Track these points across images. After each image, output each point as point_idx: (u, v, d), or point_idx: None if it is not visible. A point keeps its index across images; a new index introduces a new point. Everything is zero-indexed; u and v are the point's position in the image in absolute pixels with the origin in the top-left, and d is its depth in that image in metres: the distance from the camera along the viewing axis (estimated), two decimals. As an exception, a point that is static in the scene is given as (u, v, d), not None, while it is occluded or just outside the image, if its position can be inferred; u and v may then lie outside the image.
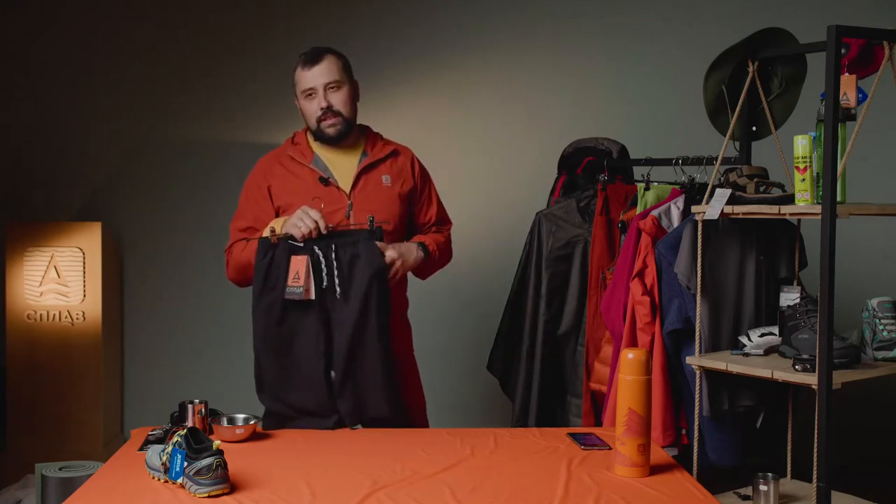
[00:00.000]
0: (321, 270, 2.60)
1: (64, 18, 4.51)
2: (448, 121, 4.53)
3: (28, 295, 4.15)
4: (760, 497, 2.72)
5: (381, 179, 2.83)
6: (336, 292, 2.60)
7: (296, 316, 2.61)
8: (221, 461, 1.99)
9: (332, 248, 2.61)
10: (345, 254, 2.62)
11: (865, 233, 4.23)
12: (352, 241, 2.64)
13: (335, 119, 2.77)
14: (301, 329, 2.61)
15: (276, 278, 2.59)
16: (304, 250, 2.59)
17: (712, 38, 3.32)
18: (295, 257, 2.59)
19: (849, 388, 2.50)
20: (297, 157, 2.83)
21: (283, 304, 2.59)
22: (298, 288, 2.56)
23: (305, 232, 2.58)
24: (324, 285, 2.60)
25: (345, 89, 2.78)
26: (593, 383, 3.26)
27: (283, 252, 2.60)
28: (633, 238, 3.00)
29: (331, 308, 2.61)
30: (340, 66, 2.79)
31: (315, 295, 2.58)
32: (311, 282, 2.58)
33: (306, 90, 2.77)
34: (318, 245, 2.60)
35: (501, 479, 2.15)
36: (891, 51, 2.56)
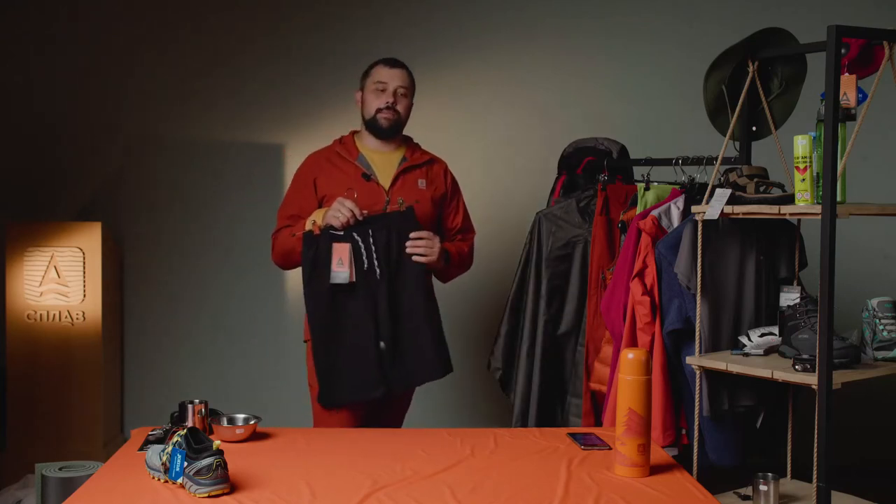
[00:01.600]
0: (361, 254, 2.89)
1: (64, 19, 4.51)
2: (448, 121, 4.53)
3: (28, 295, 4.15)
4: (760, 497, 2.72)
5: (417, 182, 3.10)
6: (376, 272, 2.89)
7: (343, 298, 2.90)
8: (221, 461, 1.99)
9: (369, 234, 2.90)
10: (381, 237, 2.92)
11: (865, 233, 4.23)
12: (386, 224, 2.94)
13: (392, 114, 3.06)
14: (349, 309, 2.90)
15: (322, 267, 2.88)
16: (344, 238, 2.88)
17: (712, 38, 3.32)
18: (336, 245, 2.88)
19: (849, 388, 2.50)
20: (344, 153, 3.09)
21: (330, 289, 2.89)
22: (343, 272, 2.87)
23: (343, 221, 2.87)
24: (365, 267, 2.89)
25: (409, 99, 3.13)
26: (593, 383, 3.26)
27: (326, 242, 2.89)
28: (633, 238, 3.00)
29: (375, 286, 2.90)
30: (412, 81, 3.15)
31: (357, 276, 2.88)
32: (353, 265, 2.88)
33: (380, 83, 3.07)
34: (357, 231, 2.90)
35: (501, 479, 2.15)
36: (891, 51, 2.56)
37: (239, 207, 4.52)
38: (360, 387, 2.89)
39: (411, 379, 2.98)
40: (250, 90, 4.54)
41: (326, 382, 2.91)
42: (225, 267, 4.54)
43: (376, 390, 2.89)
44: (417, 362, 2.94)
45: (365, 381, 2.89)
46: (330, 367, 2.91)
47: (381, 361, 2.90)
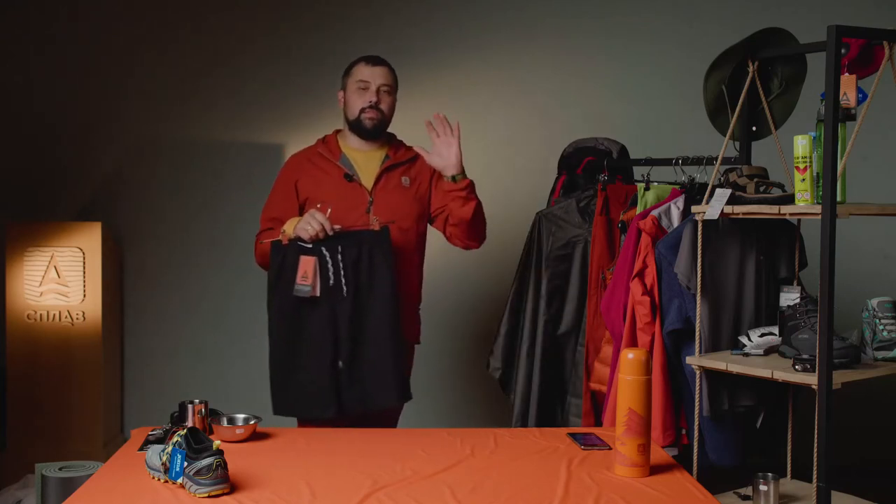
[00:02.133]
0: (328, 269, 2.82)
1: (64, 19, 4.51)
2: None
3: (28, 295, 4.15)
4: (760, 497, 2.72)
5: (401, 180, 3.06)
6: (342, 290, 2.82)
7: (306, 311, 2.84)
8: (221, 461, 1.99)
9: (338, 249, 2.83)
10: (350, 253, 2.84)
11: (865, 233, 4.23)
12: (358, 241, 2.86)
13: (376, 114, 3.02)
14: (311, 323, 2.84)
15: (288, 277, 2.83)
16: (312, 251, 2.82)
17: (712, 38, 3.32)
18: (304, 258, 2.82)
19: (849, 388, 2.50)
20: (326, 154, 3.06)
21: (294, 301, 2.82)
22: (306, 286, 2.80)
23: (312, 234, 2.80)
24: (330, 283, 2.82)
25: (393, 97, 3.09)
26: (593, 383, 3.26)
27: (293, 253, 2.83)
28: (633, 238, 3.00)
29: (338, 304, 2.83)
30: (394, 78, 3.09)
31: (321, 292, 2.81)
32: (317, 280, 2.81)
33: (362, 82, 3.02)
34: (326, 246, 2.83)
35: (501, 479, 2.15)
36: (891, 51, 2.56)
37: (239, 207, 4.52)
38: (311, 403, 2.83)
39: (365, 403, 2.86)
40: (250, 90, 4.54)
41: (278, 392, 2.86)
42: (225, 267, 4.54)
43: (327, 410, 2.82)
44: (374, 386, 2.85)
45: (316, 399, 2.82)
46: (284, 379, 2.86)
47: (336, 381, 2.83)
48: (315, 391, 2.82)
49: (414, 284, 3.09)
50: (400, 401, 2.92)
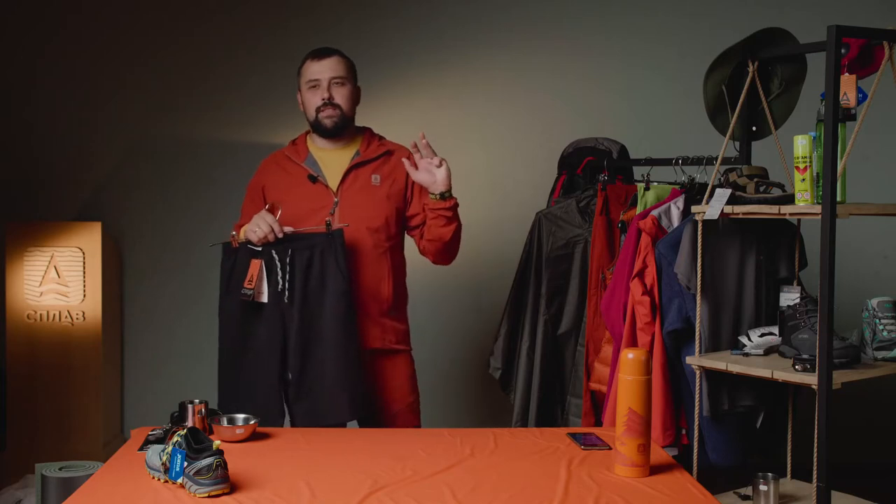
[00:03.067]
0: (276, 274, 2.70)
1: (65, 20, 4.51)
2: (448, 121, 4.53)
3: (28, 295, 4.15)
4: (760, 497, 2.72)
5: (371, 179, 2.90)
6: (286, 295, 2.70)
7: (254, 318, 2.73)
8: (221, 461, 1.99)
9: (288, 253, 2.71)
10: (301, 257, 2.71)
11: (865, 233, 4.23)
12: (308, 244, 2.73)
13: (334, 111, 2.87)
14: (258, 331, 2.72)
15: (238, 281, 2.72)
16: (261, 254, 2.71)
17: (712, 38, 3.32)
18: (253, 261, 2.71)
19: (849, 388, 2.50)
20: (292, 155, 2.94)
21: (242, 307, 2.71)
22: (249, 290, 2.68)
23: (261, 236, 2.70)
24: (279, 288, 2.70)
25: (347, 87, 2.90)
26: (593, 383, 3.26)
27: (244, 256, 2.73)
28: (633, 238, 3.00)
29: (286, 311, 2.71)
30: (347, 65, 2.92)
31: (269, 298, 2.70)
32: (263, 285, 2.70)
33: (311, 81, 2.88)
34: (276, 249, 2.71)
35: (501, 479, 2.15)
36: (891, 51, 2.56)
37: (239, 208, 4.51)
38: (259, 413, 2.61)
39: (315, 417, 2.71)
40: (250, 90, 4.54)
41: (224, 402, 2.73)
42: (225, 267, 4.54)
43: (275, 422, 2.70)
44: (323, 400, 2.71)
45: (262, 411, 2.64)
46: (232, 389, 2.74)
47: (284, 393, 2.71)
48: (261, 403, 2.69)
49: (384, 289, 2.88)
50: (352, 416, 2.77)
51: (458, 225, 2.89)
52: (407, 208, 2.96)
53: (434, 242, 2.90)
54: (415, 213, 2.95)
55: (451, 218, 2.84)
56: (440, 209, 2.83)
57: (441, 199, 2.81)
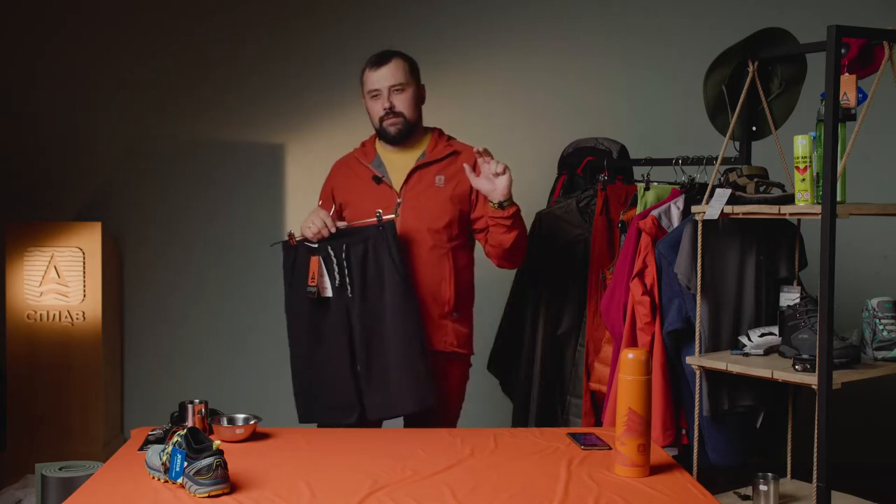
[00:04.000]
0: (333, 269, 2.76)
1: (65, 20, 4.51)
2: (449, 121, 4.49)
3: (28, 295, 4.15)
4: (760, 497, 2.72)
5: (435, 180, 2.90)
6: (348, 289, 2.75)
7: (320, 314, 2.79)
8: (221, 461, 1.99)
9: (343, 247, 2.76)
10: (356, 251, 2.76)
11: (865, 233, 4.23)
12: (362, 238, 2.77)
13: (396, 119, 2.88)
14: (325, 326, 2.78)
15: (300, 278, 2.78)
16: (318, 251, 2.77)
17: (712, 38, 3.32)
18: (311, 258, 2.77)
19: (849, 388, 2.50)
20: (361, 157, 2.98)
21: (308, 303, 2.77)
22: (312, 287, 2.75)
23: (315, 232, 2.75)
24: (337, 283, 2.75)
25: (409, 91, 2.90)
26: (593, 383, 3.26)
27: (303, 254, 2.79)
28: (633, 238, 3.00)
29: (349, 304, 2.76)
30: (406, 68, 2.90)
31: (332, 292, 2.75)
32: (325, 280, 2.76)
33: (372, 91, 2.89)
34: (332, 244, 2.76)
35: (501, 479, 2.15)
36: (891, 51, 2.56)
37: (239, 207, 4.52)
38: (334, 409, 2.76)
39: (385, 409, 2.76)
40: (250, 90, 4.54)
41: (303, 398, 2.81)
42: (225, 267, 4.54)
43: (350, 416, 2.75)
44: (391, 391, 2.73)
45: (339, 404, 2.75)
46: (307, 384, 2.80)
47: (357, 385, 2.75)
48: (336, 397, 2.75)
49: (445, 290, 2.87)
50: (419, 406, 2.76)
51: (521, 232, 2.85)
52: (472, 211, 2.93)
53: (495, 248, 2.88)
54: (479, 216, 2.92)
55: (510, 226, 2.80)
56: (499, 218, 2.79)
57: (500, 208, 2.77)
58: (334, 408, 2.77)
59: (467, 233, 2.96)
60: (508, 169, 2.76)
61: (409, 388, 2.74)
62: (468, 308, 2.99)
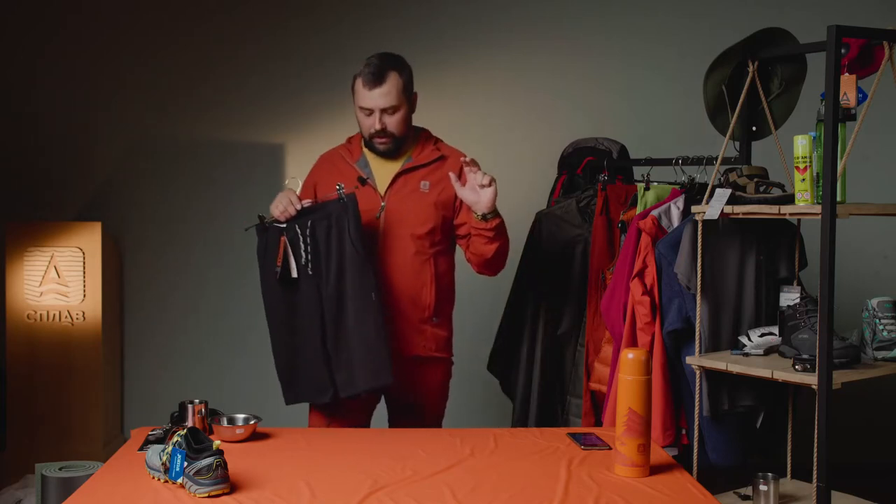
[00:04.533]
0: (300, 247, 2.75)
1: (65, 20, 4.51)
2: (449, 121, 4.51)
3: (28, 295, 4.15)
4: (760, 497, 2.72)
5: (420, 185, 2.87)
6: (308, 267, 2.74)
7: (292, 293, 2.77)
8: (221, 461, 1.99)
9: (307, 225, 2.75)
10: (321, 228, 2.75)
11: (865, 233, 4.23)
12: (325, 214, 2.76)
13: (386, 139, 2.84)
14: (297, 305, 2.76)
15: (271, 260, 2.76)
16: (286, 230, 2.76)
17: (712, 38, 3.32)
18: (281, 238, 2.75)
19: (849, 388, 2.50)
20: (346, 155, 2.95)
21: (280, 284, 2.75)
22: (279, 267, 2.74)
23: (282, 210, 2.74)
24: (303, 261, 2.74)
25: (402, 111, 2.83)
26: (593, 383, 3.26)
27: (273, 234, 2.78)
28: (633, 238, 3.00)
29: (316, 282, 2.75)
30: (401, 86, 2.81)
31: (298, 272, 2.74)
32: (290, 261, 2.74)
33: (364, 108, 2.82)
34: (298, 223, 2.75)
35: (501, 479, 2.15)
36: (891, 51, 2.56)
37: (239, 207, 4.51)
38: (311, 388, 2.77)
39: (350, 386, 2.73)
40: (250, 90, 4.54)
41: (285, 380, 2.81)
42: (225, 266, 4.54)
43: (325, 394, 2.74)
44: (354, 368, 2.72)
45: (315, 383, 2.75)
46: (286, 364, 2.80)
47: (328, 363, 2.74)
48: (312, 375, 2.75)
49: (426, 296, 2.86)
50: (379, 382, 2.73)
51: (503, 243, 2.83)
52: (455, 217, 2.90)
53: (476, 256, 2.86)
54: (462, 222, 2.89)
55: (492, 238, 2.79)
56: (482, 229, 2.78)
57: (483, 219, 2.76)
58: (311, 387, 2.76)
59: (450, 238, 2.93)
60: (495, 181, 2.72)
61: (366, 364, 2.72)
62: (448, 312, 2.97)
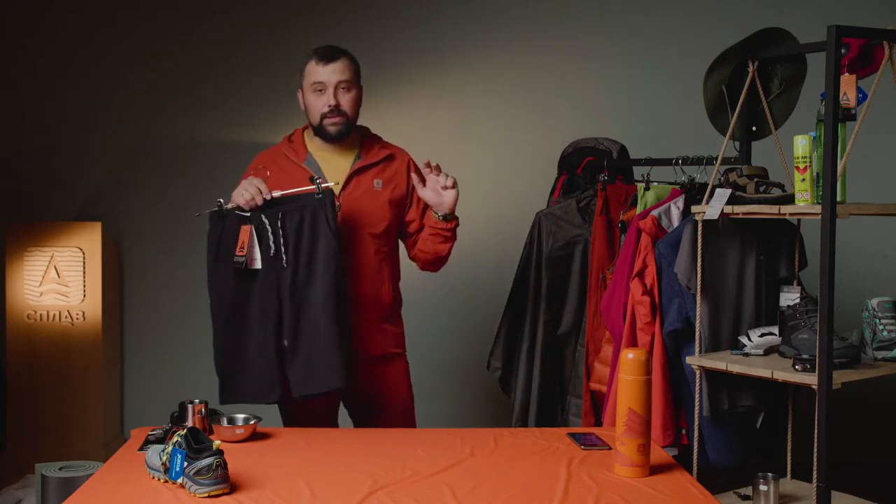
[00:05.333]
0: (268, 238, 2.63)
1: (65, 20, 4.51)
2: (449, 121, 4.53)
3: (28, 295, 4.15)
4: (760, 497, 2.72)
5: (373, 184, 2.84)
6: (282, 259, 2.63)
7: (247, 285, 2.65)
8: (221, 461, 1.99)
9: (278, 216, 2.64)
10: (292, 220, 2.65)
11: (865, 233, 4.23)
12: (298, 206, 2.66)
13: (339, 118, 2.78)
14: (252, 298, 2.65)
15: (228, 250, 2.65)
16: (251, 220, 2.64)
17: (712, 38, 3.32)
18: (242, 227, 2.64)
19: (849, 388, 2.50)
20: (291, 155, 2.85)
21: (235, 275, 2.64)
22: (241, 258, 2.61)
23: (248, 198, 2.63)
24: (271, 253, 2.63)
25: (354, 92, 2.81)
26: (593, 383, 3.26)
27: (232, 222, 2.66)
28: (633, 238, 3.00)
29: (280, 275, 2.64)
30: (353, 68, 2.82)
31: (262, 263, 2.63)
32: (255, 251, 2.62)
33: (317, 83, 2.77)
34: (266, 213, 2.64)
35: (501, 479, 2.15)
36: (891, 51, 2.56)
37: (239, 207, 4.52)
38: (256, 387, 2.63)
39: (309, 386, 2.63)
40: (249, 90, 4.54)
41: (224, 377, 2.66)
42: (225, 267, 4.54)
43: (272, 394, 2.64)
44: (319, 366, 2.62)
45: (261, 382, 2.62)
46: (229, 361, 2.66)
47: (281, 361, 2.62)
48: (260, 374, 2.63)
49: (385, 294, 2.85)
50: (344, 383, 2.65)
51: (454, 241, 2.87)
52: (405, 214, 2.91)
53: (427, 254, 2.87)
54: (411, 219, 2.90)
55: (448, 237, 2.83)
56: (441, 229, 2.81)
57: (444, 220, 2.79)
58: (256, 386, 2.63)
59: (397, 235, 2.94)
60: (457, 185, 2.76)
61: (336, 364, 2.63)
62: (400, 309, 2.97)
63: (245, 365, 2.66)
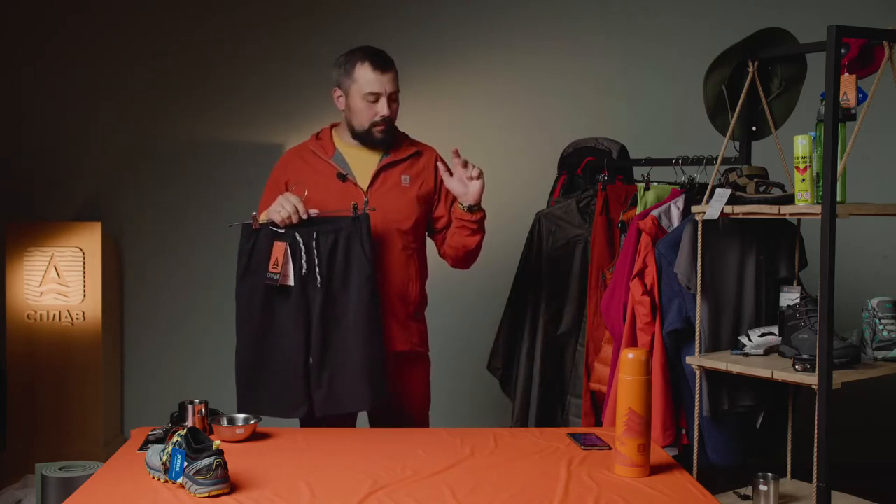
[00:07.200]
0: (300, 257, 2.63)
1: (65, 20, 4.51)
2: (449, 121, 4.53)
3: (28, 295, 4.15)
4: (760, 497, 2.72)
5: (400, 179, 2.85)
6: (316, 279, 2.63)
7: (277, 302, 2.66)
8: (221, 461, 1.99)
9: (313, 235, 2.64)
10: (326, 241, 2.65)
11: (865, 233, 4.23)
12: (334, 228, 2.66)
13: (386, 127, 2.80)
14: (280, 315, 2.66)
15: (258, 263, 2.65)
16: (284, 237, 2.64)
17: (712, 38, 3.32)
18: (276, 243, 2.63)
19: (849, 388, 2.50)
20: (319, 151, 2.86)
21: (264, 290, 2.65)
22: (275, 274, 2.62)
23: (284, 216, 2.62)
24: (303, 272, 2.64)
25: (398, 100, 2.85)
26: (593, 383, 3.26)
27: (266, 238, 2.65)
28: (633, 238, 3.00)
29: (311, 295, 2.64)
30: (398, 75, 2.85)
31: (295, 281, 2.63)
32: (289, 268, 2.63)
33: (372, 94, 2.77)
34: (300, 231, 2.64)
35: (501, 479, 2.15)
36: (891, 51, 2.56)
37: (239, 207, 4.49)
38: (280, 401, 2.64)
39: (335, 404, 2.64)
40: (250, 90, 4.54)
41: (245, 389, 2.68)
42: (224, 266, 4.53)
43: (298, 409, 2.64)
44: (344, 387, 2.63)
45: (286, 397, 2.63)
46: (252, 375, 2.68)
47: (307, 378, 2.63)
48: (284, 390, 2.64)
49: (412, 291, 2.86)
50: (371, 405, 2.69)
51: (483, 235, 2.88)
52: (433, 210, 2.92)
53: (456, 249, 2.88)
54: (440, 215, 2.91)
55: (476, 230, 2.84)
56: (466, 220, 2.82)
57: (469, 211, 2.81)
58: (282, 401, 2.64)
59: (425, 232, 2.95)
60: (483, 175, 2.77)
61: (367, 385, 2.64)
62: (425, 308, 2.98)
63: (269, 379, 2.67)
